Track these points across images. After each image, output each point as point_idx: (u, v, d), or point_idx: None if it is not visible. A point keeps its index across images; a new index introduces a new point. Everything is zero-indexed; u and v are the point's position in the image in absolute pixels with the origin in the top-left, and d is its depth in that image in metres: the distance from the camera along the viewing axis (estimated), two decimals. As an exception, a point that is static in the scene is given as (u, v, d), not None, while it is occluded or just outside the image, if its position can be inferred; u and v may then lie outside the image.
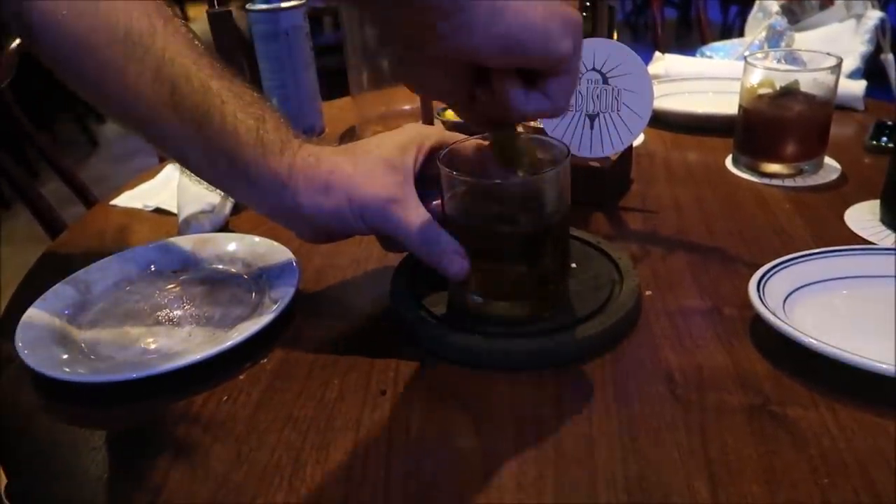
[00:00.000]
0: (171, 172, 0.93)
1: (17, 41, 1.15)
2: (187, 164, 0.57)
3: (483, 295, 0.56)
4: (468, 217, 0.54)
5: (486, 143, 0.54)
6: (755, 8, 1.44)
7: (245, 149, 0.53)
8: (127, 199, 0.88)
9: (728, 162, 0.87)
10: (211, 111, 0.53)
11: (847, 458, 0.44)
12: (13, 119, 1.13)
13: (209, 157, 0.54)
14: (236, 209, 0.80)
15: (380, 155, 0.55)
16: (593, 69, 0.70)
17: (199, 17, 6.43)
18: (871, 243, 0.68)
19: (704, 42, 1.65)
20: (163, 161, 1.01)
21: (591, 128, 0.72)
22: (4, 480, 0.48)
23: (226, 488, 0.45)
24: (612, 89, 0.71)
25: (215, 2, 0.79)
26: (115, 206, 0.87)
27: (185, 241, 0.71)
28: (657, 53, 1.21)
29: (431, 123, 0.89)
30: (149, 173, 0.95)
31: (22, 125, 1.14)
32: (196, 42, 0.56)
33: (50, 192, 1.19)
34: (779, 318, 0.52)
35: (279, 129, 0.55)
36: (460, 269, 0.53)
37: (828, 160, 0.85)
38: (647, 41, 4.60)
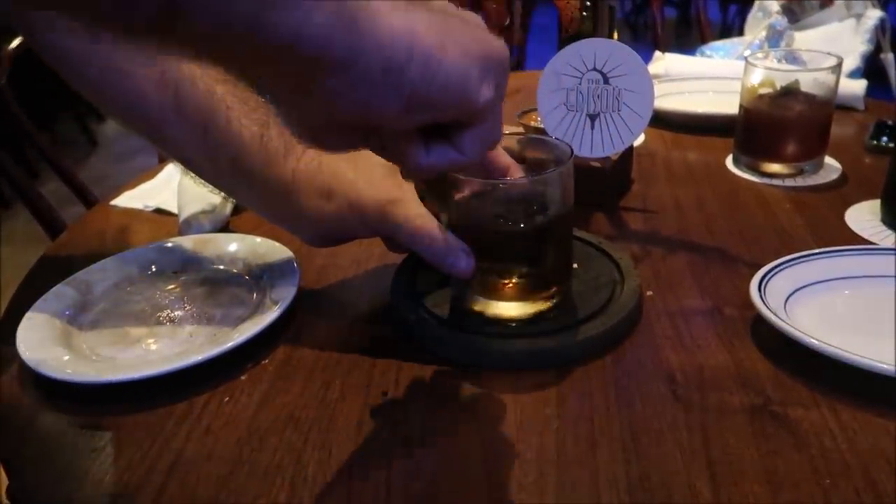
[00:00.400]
0: (172, 172, 0.92)
1: (17, 41, 1.16)
2: (189, 165, 0.57)
3: (486, 296, 0.56)
4: (472, 218, 0.54)
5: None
6: (755, 7, 1.44)
7: (249, 154, 0.53)
8: (127, 200, 0.87)
9: (728, 162, 0.88)
10: (216, 115, 0.52)
11: (848, 458, 0.44)
12: (13, 118, 1.13)
13: (212, 161, 0.54)
14: (237, 209, 0.80)
15: (380, 159, 0.55)
16: (594, 69, 0.70)
17: (198, 16, 6.44)
18: (871, 243, 0.68)
19: (704, 41, 1.65)
20: (163, 161, 1.01)
21: (592, 128, 0.72)
22: (6, 481, 0.48)
23: (228, 489, 0.45)
24: (613, 89, 0.71)
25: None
26: (115, 206, 0.87)
27: (185, 242, 0.71)
28: (657, 53, 1.21)
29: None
30: (149, 173, 0.95)
31: (22, 124, 1.14)
32: None
33: (50, 192, 1.19)
34: (780, 319, 0.52)
35: (282, 135, 0.55)
36: (466, 266, 0.53)
37: (828, 160, 0.85)
38: (646, 40, 4.61)
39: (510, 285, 0.55)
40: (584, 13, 0.82)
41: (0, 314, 0.65)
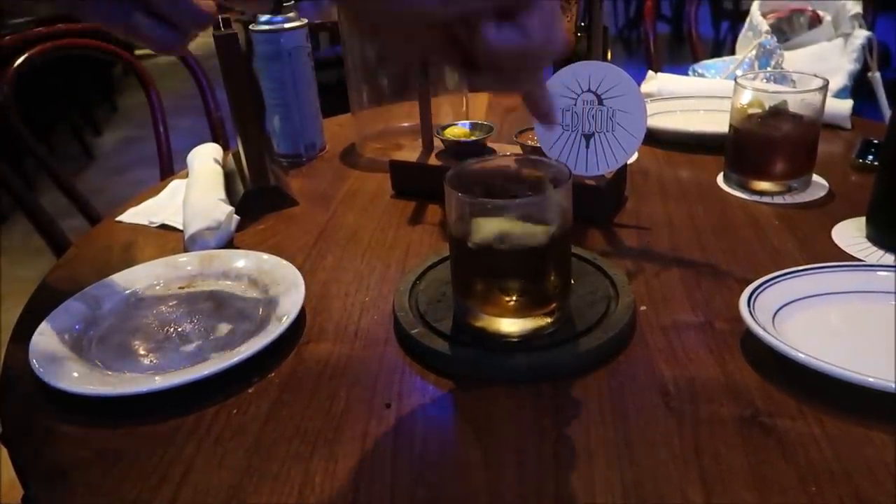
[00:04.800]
0: (176, 189, 0.94)
1: (21, 59, 1.18)
2: None
3: (488, 312, 0.57)
4: (473, 235, 0.56)
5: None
6: (745, 26, 1.47)
7: None
8: (132, 216, 0.89)
9: (719, 179, 0.90)
10: None
11: (833, 467, 0.46)
12: (11, 131, 1.15)
13: None
14: (241, 225, 0.82)
15: None
16: (589, 90, 0.73)
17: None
18: (857, 259, 0.70)
19: (696, 58, 1.68)
20: (165, 177, 1.03)
21: (587, 147, 0.75)
22: (21, 492, 0.50)
23: (238, 499, 0.47)
24: (607, 110, 0.73)
25: (220, 24, 0.81)
26: (120, 222, 0.89)
27: (191, 258, 0.73)
28: (650, 73, 1.24)
29: (431, 141, 0.91)
30: (153, 189, 0.97)
31: (21, 136, 1.16)
32: None
33: (45, 204, 1.20)
34: (768, 333, 0.54)
35: None
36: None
37: (816, 178, 0.88)
38: (639, 56, 4.66)
39: (511, 302, 0.57)
40: (578, 34, 0.85)
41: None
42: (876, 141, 0.94)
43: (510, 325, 0.57)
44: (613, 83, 0.72)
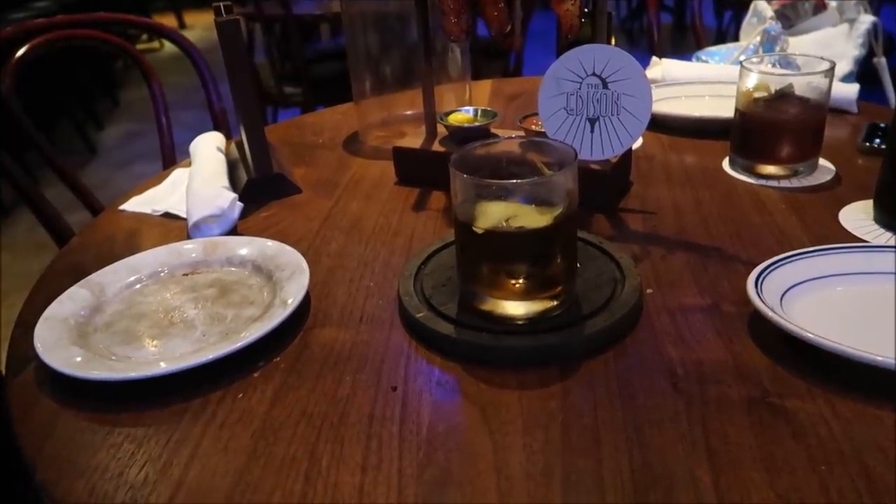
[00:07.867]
0: (179, 177, 0.94)
1: (22, 50, 1.17)
2: None
3: (495, 295, 0.57)
4: (479, 219, 0.56)
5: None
6: (749, 13, 1.46)
7: None
8: (135, 205, 0.89)
9: (725, 164, 0.89)
10: None
11: (843, 447, 0.46)
12: (14, 124, 1.15)
13: None
14: (245, 213, 0.82)
15: None
16: (593, 74, 0.72)
17: (196, 23, 6.45)
18: (864, 241, 0.69)
19: (700, 46, 1.67)
20: (168, 166, 1.02)
21: (592, 131, 0.74)
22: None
23: (244, 482, 0.46)
24: (612, 94, 0.72)
25: (222, 10, 0.81)
26: (123, 211, 0.88)
27: (195, 245, 0.73)
28: (654, 58, 1.23)
29: (434, 127, 0.90)
30: (156, 179, 0.97)
31: (24, 129, 1.16)
32: None
33: (49, 199, 1.19)
34: (776, 314, 0.54)
35: None
36: None
37: (822, 162, 0.87)
38: (642, 45, 4.64)
39: (518, 285, 0.57)
40: (583, 19, 0.84)
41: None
42: (883, 125, 0.94)
43: (516, 308, 0.57)
44: (618, 66, 0.72)
